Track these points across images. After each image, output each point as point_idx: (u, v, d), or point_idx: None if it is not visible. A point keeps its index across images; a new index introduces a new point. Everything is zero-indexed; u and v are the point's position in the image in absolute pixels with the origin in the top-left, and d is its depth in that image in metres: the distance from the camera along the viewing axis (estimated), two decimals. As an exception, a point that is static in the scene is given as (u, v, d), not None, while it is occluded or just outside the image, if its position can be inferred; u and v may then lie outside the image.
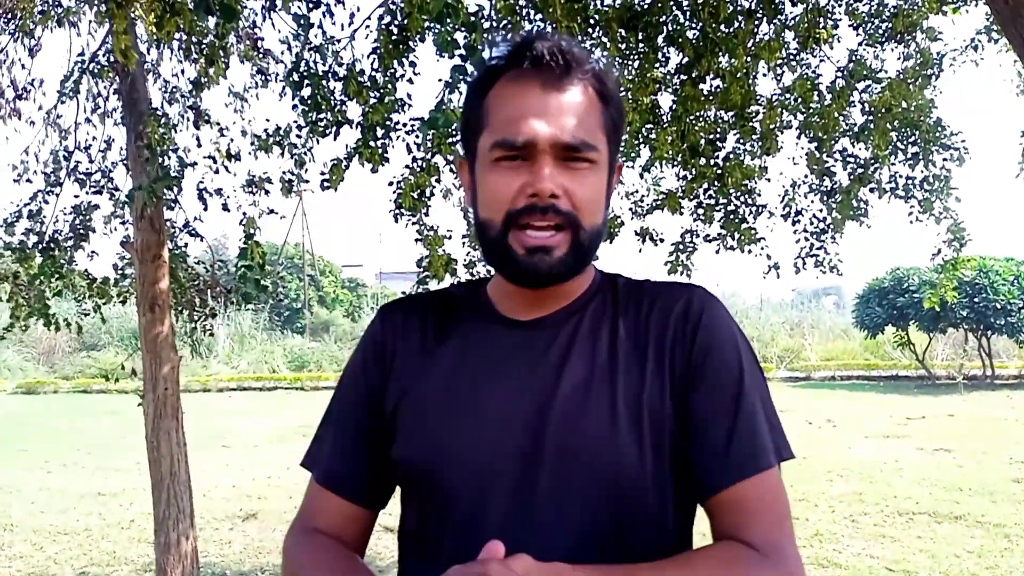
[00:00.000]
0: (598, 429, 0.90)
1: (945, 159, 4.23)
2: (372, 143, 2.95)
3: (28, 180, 3.97)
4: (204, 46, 3.20)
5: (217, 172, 3.46)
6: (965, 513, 6.05)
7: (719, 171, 4.19)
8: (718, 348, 0.95)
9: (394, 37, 2.85)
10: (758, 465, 0.92)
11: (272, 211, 3.41)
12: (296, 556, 1.01)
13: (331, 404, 1.07)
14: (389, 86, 2.93)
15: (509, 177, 0.92)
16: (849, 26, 4.16)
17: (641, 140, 4.24)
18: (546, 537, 0.89)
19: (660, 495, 0.92)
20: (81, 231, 3.93)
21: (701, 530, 0.97)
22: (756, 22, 3.79)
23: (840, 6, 4.04)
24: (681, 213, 4.36)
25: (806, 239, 4.60)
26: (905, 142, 4.29)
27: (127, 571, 5.07)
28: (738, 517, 0.91)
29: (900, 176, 4.36)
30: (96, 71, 3.46)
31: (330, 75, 3.01)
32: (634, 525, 0.91)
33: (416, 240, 3.31)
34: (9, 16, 3.79)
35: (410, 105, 3.06)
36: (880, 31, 4.19)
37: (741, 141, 4.28)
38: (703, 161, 4.16)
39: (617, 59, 4.00)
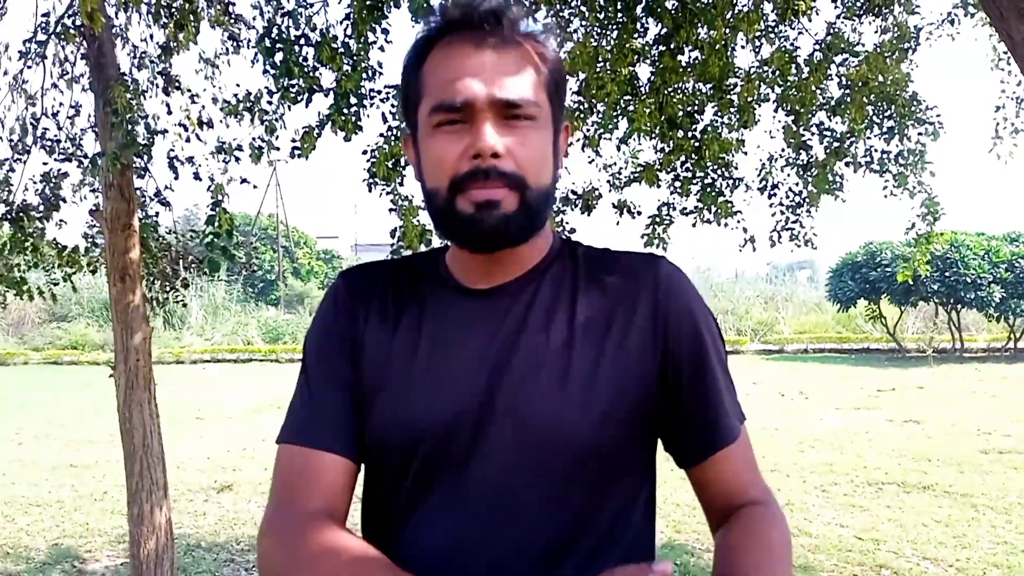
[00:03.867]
0: (548, 396, 0.90)
1: (920, 133, 4.25)
2: (345, 111, 2.91)
3: (-6, 147, 3.89)
4: (174, 10, 3.11)
5: (188, 140, 3.39)
6: (933, 483, 6.17)
7: (696, 144, 4.18)
8: (690, 320, 0.96)
9: (368, 2, 2.80)
10: (737, 428, 0.98)
11: (245, 180, 3.36)
12: (295, 553, 0.87)
13: (303, 373, 1.00)
14: (362, 53, 2.88)
15: (450, 142, 0.90)
16: (828, -2, 4.16)
17: (619, 112, 4.22)
18: (503, 507, 0.90)
19: (620, 460, 0.93)
20: (51, 200, 3.85)
21: (664, 496, 0.98)
22: (735, -7, 3.76)
23: (819, -22, 4.02)
24: (659, 186, 4.35)
25: (782, 213, 4.61)
26: (881, 116, 4.30)
27: (100, 543, 5.04)
28: (735, 476, 0.97)
29: (875, 150, 4.37)
30: (62, 33, 3.36)
31: (302, 41, 2.96)
32: (594, 490, 0.92)
33: (390, 210, 3.28)
34: (-29, -23, 3.67)
35: (381, 73, 3.02)
36: (858, 4, 4.18)
37: (719, 114, 4.27)
38: (681, 133, 4.14)
39: (596, 29, 3.97)
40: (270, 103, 3.03)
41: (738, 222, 4.43)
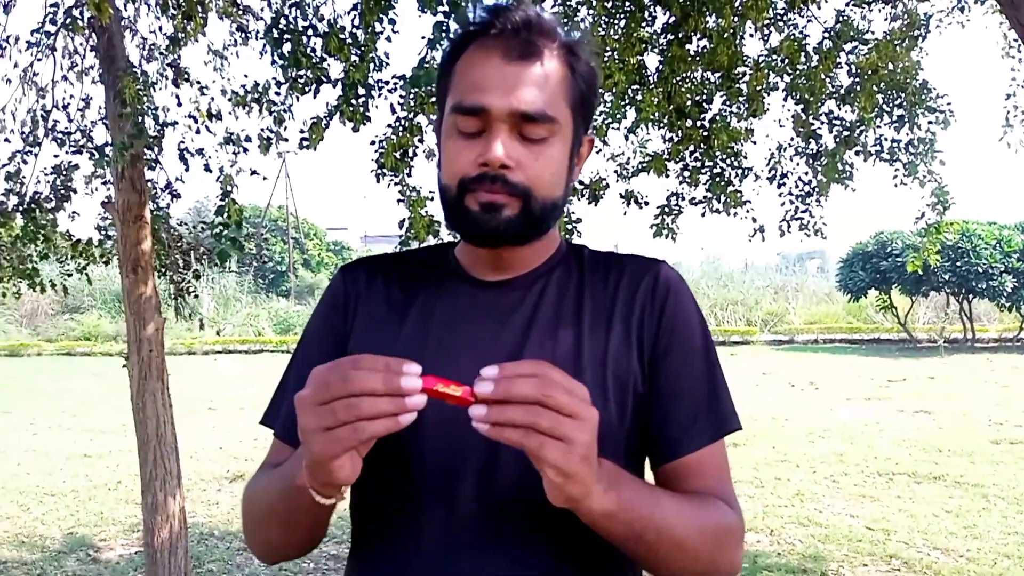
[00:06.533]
0: None
1: (930, 122, 4.23)
2: (353, 101, 2.92)
3: (6, 140, 3.91)
4: (181, 1, 3.13)
5: (198, 132, 3.41)
6: (944, 473, 6.16)
7: (705, 133, 4.17)
8: (684, 322, 0.98)
9: (376, -7, 2.81)
10: (719, 432, 0.97)
11: (254, 172, 3.38)
12: (248, 487, 1.01)
13: (290, 363, 1.07)
14: (370, 43, 2.89)
15: (466, 147, 0.91)
16: (837, -15, 4.14)
17: (627, 101, 4.21)
18: (514, 494, 0.90)
19: (623, 453, 0.94)
20: (62, 192, 3.87)
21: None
22: (744, -19, 3.75)
23: (828, -35, 4.00)
24: (667, 175, 4.35)
25: (791, 202, 4.60)
26: (891, 104, 4.28)
27: (115, 531, 5.09)
28: (704, 478, 0.95)
29: (885, 139, 4.35)
30: (69, 24, 3.37)
31: (310, 31, 2.97)
32: None
33: (398, 201, 3.29)
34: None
35: (389, 63, 3.03)
36: (867, -9, 4.16)
37: (727, 103, 4.26)
38: (689, 123, 4.14)
39: (603, 18, 3.96)
40: (278, 94, 3.05)
41: (747, 212, 4.42)
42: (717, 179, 4.35)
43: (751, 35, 4.23)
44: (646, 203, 4.44)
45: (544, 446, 0.71)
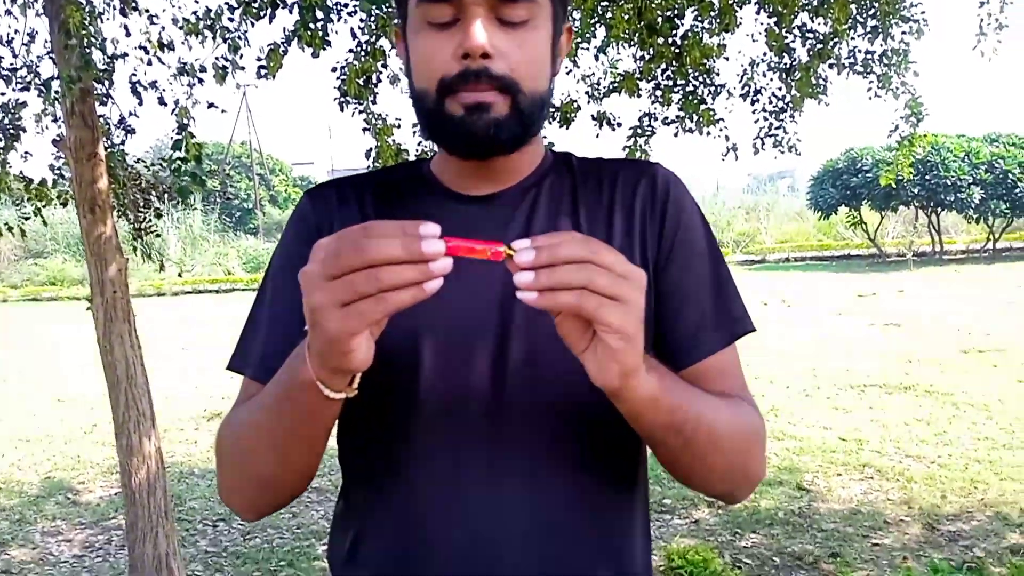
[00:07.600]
0: None
1: (904, 32, 4.16)
2: (311, 25, 2.79)
3: (-52, 78, 3.72)
4: (124, -78, 2.95)
5: (150, 64, 3.26)
6: (914, 384, 6.29)
7: (677, 50, 4.06)
8: (687, 224, 0.93)
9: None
10: (733, 334, 0.93)
11: (212, 105, 3.24)
12: (224, 425, 0.90)
13: (257, 300, 0.97)
14: (326, -39, 2.75)
15: (440, 40, 0.83)
16: None
17: (597, 19, 4.09)
18: (523, 406, 0.86)
19: None
20: (11, 131, 3.72)
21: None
22: None
23: None
24: (639, 95, 4.25)
25: (765, 119, 4.53)
26: (864, 15, 4.19)
27: (93, 474, 5.08)
28: (722, 382, 0.91)
29: (859, 51, 4.28)
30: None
31: (263, -49, 2.82)
32: (606, 430, 0.88)
33: (364, 130, 3.18)
34: None
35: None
36: None
37: (699, 18, 4.14)
38: (660, 40, 4.02)
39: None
40: (231, 19, 2.90)
41: (720, 131, 4.35)
42: (690, 97, 4.26)
43: (722, -55, 4.09)
44: (618, 125, 4.35)
45: (603, 306, 0.65)
